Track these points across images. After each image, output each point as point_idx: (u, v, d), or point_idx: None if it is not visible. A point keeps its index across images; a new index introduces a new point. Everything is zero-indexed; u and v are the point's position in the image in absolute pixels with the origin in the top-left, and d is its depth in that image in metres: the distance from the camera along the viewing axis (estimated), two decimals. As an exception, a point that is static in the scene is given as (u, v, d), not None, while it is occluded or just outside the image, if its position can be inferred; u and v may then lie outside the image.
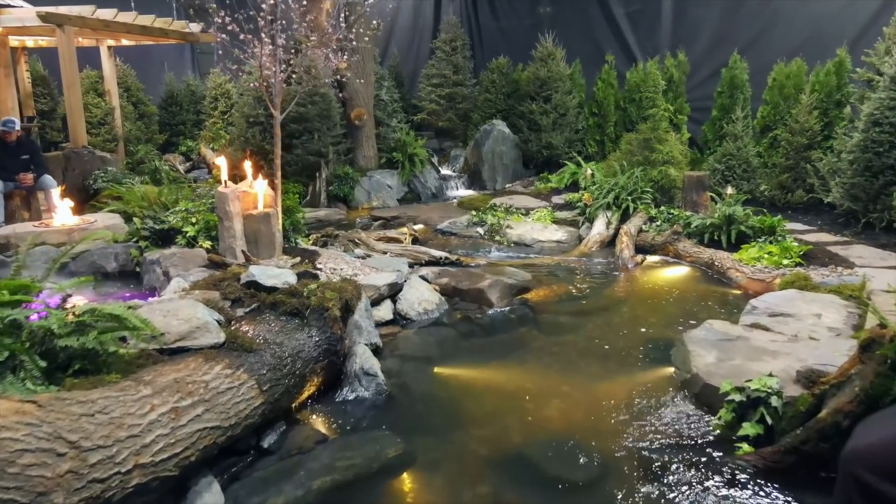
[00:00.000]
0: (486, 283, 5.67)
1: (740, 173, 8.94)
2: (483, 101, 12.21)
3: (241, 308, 3.72)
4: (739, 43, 10.35)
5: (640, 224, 7.55)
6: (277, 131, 5.40)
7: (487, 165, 11.08)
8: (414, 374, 4.28)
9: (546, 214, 8.40)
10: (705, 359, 3.96)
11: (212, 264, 4.39)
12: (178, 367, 2.83)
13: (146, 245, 5.11)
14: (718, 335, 4.29)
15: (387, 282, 5.17)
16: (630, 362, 4.46)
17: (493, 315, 5.33)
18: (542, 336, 5.01)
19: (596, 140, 11.26)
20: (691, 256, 6.80)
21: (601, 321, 5.30)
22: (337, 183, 9.60)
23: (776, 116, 9.36)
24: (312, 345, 3.63)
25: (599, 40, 12.33)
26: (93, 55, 12.31)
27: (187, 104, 14.61)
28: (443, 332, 4.99)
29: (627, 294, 6.03)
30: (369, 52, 10.29)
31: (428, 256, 6.61)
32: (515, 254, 7.38)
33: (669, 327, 5.10)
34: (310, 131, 9.55)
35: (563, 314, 5.49)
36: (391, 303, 5.25)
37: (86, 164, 8.99)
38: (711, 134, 10.06)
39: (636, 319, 5.32)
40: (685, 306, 5.60)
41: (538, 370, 4.38)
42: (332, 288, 3.90)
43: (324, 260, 5.60)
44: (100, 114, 11.89)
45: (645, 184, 7.99)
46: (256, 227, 4.62)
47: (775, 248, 6.24)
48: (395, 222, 8.68)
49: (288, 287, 3.94)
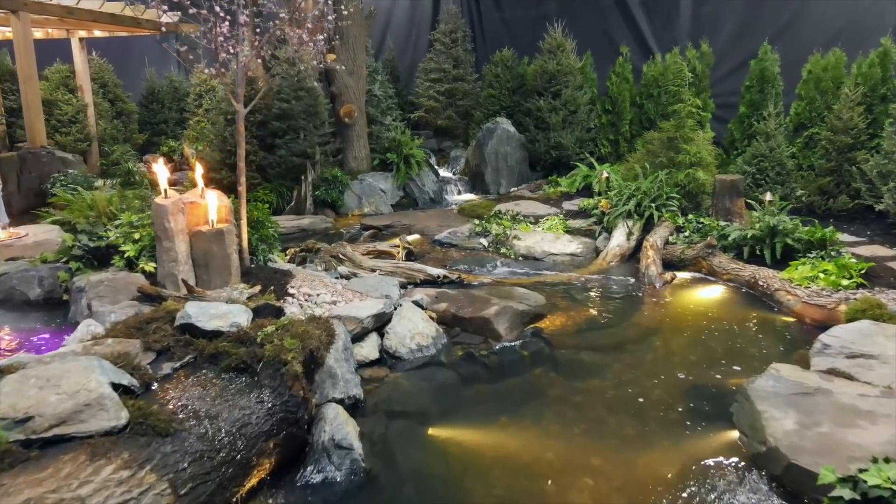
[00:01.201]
0: (493, 310, 4.73)
1: (773, 176, 8.00)
2: (486, 97, 11.28)
3: (169, 362, 2.79)
4: (767, 33, 9.40)
5: (667, 235, 6.61)
6: (241, 128, 4.47)
7: (490, 167, 10.15)
8: (402, 439, 3.35)
9: (558, 223, 7.47)
10: (783, 423, 3.02)
11: (143, 296, 3.47)
12: (41, 476, 1.90)
13: (78, 267, 4.19)
14: (791, 387, 3.36)
15: (372, 312, 4.24)
16: (674, 421, 3.53)
17: (501, 351, 4.41)
18: (560, 380, 4.08)
19: (609, 140, 10.32)
20: (729, 274, 5.86)
21: (631, 359, 4.37)
22: (324, 187, 8.67)
23: (812, 113, 8.42)
24: (263, 414, 2.70)
25: (611, 32, 11.39)
26: (64, 47, 11.41)
27: (170, 101, 13.69)
28: (440, 376, 4.06)
29: (658, 321, 5.09)
30: (361, 43, 9.36)
31: (423, 275, 5.69)
32: (524, 269, 6.45)
33: (716, 368, 4.17)
34: (294, 130, 8.63)
35: (585, 349, 4.56)
36: (378, 337, 4.32)
37: (43, 166, 8.07)
38: (739, 133, 9.12)
39: (673, 357, 4.39)
40: (731, 339, 4.67)
41: (559, 432, 3.45)
42: (295, 333, 2.97)
43: (298, 283, 4.67)
44: (70, 111, 10.97)
45: (670, 189, 7.05)
46: (207, 248, 3.70)
47: (831, 266, 5.31)
48: (387, 232, 7.75)
49: (236, 331, 3.01)
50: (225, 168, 8.80)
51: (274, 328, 3.06)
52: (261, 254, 4.74)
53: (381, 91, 10.31)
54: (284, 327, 3.09)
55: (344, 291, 4.71)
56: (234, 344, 2.92)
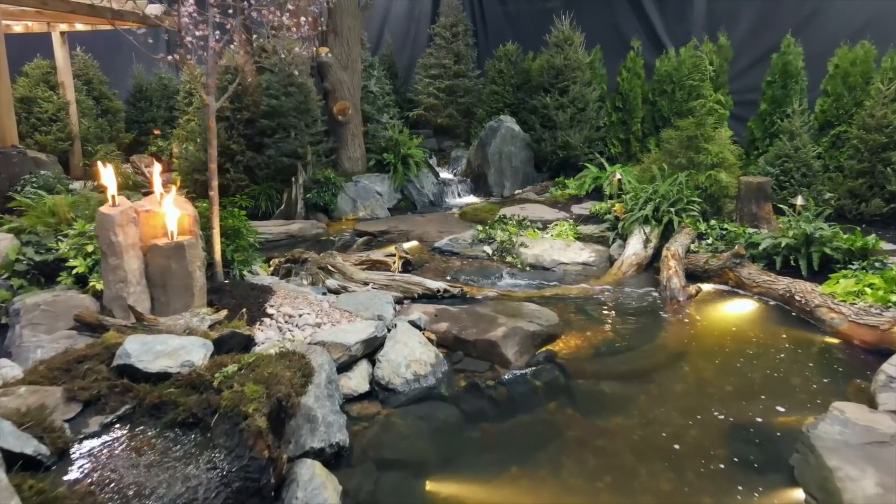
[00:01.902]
0: (500, 331, 4.17)
1: (799, 178, 7.43)
2: (489, 94, 10.71)
3: (98, 416, 2.23)
4: (787, 25, 8.82)
5: (688, 243, 6.04)
6: (211, 124, 3.90)
7: (494, 168, 9.58)
8: (395, 496, 2.79)
9: (567, 229, 6.90)
10: (863, 486, 2.46)
11: (82, 325, 2.90)
12: None
13: (21, 284, 3.62)
14: (862, 434, 2.79)
15: (361, 337, 3.67)
16: (719, 473, 2.96)
17: (510, 381, 3.84)
18: (579, 417, 3.51)
19: (620, 139, 9.74)
20: (760, 287, 5.29)
21: (658, 390, 3.80)
22: (316, 189, 8.10)
23: (839, 110, 7.85)
24: (215, 485, 2.13)
25: (620, 25, 10.82)
26: (46, 42, 10.84)
27: (158, 99, 13.12)
28: (440, 413, 3.49)
29: (685, 343, 4.52)
30: (356, 35, 8.79)
31: (422, 289, 5.12)
32: (532, 280, 5.89)
33: (757, 402, 3.60)
34: (284, 128, 8.07)
35: (605, 378, 3.99)
36: (368, 365, 3.76)
37: (14, 167, 7.50)
38: (759, 131, 8.54)
39: (706, 388, 3.82)
40: (770, 364, 4.10)
41: (582, 487, 2.88)
42: (260, 376, 2.40)
43: (278, 301, 4.11)
44: (51, 109, 10.43)
45: (691, 192, 6.48)
46: (164, 265, 3.14)
47: (878, 279, 4.73)
48: (383, 238, 7.17)
49: (188, 372, 2.44)
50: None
51: (237, 367, 2.50)
52: (237, 267, 4.17)
53: (377, 87, 9.74)
54: (250, 366, 2.52)
55: (331, 311, 4.14)
56: (184, 390, 2.35)
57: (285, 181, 8.09)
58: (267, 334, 3.63)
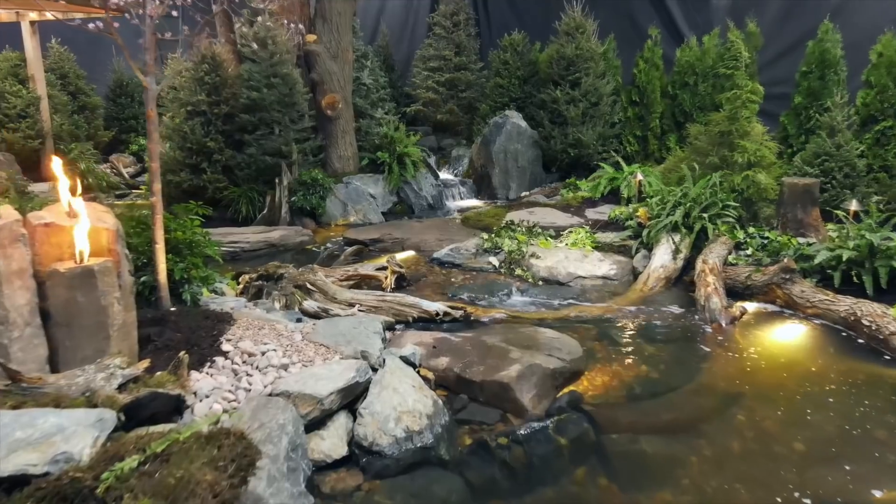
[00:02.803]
0: (514, 370, 3.38)
1: (841, 179, 6.61)
2: (492, 87, 9.92)
3: None
4: (820, 12, 8.01)
5: (726, 254, 5.25)
6: (151, 113, 3.10)
7: (498, 169, 8.80)
8: None
9: (584, 237, 6.10)
10: None
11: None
12: None
13: None
14: None
15: (338, 385, 2.88)
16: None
17: (527, 437, 3.04)
18: (616, 490, 2.73)
19: (636, 136, 8.93)
20: (816, 308, 4.49)
21: (711, 451, 3.01)
22: (303, 192, 7.30)
23: (884, 104, 7.04)
24: None
25: (635, 14, 10.04)
26: (16, 33, 10.06)
27: (140, 95, 12.31)
28: (439, 487, 2.70)
29: (736, 382, 3.72)
30: (347, 22, 7.99)
31: (417, 311, 4.34)
32: (546, 298, 5.10)
33: (842, 468, 2.83)
34: (267, 123, 7.29)
35: (644, 431, 3.19)
36: (347, 419, 2.96)
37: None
38: (793, 127, 7.73)
39: (772, 446, 3.03)
40: (845, 411, 3.32)
41: None
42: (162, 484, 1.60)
43: (238, 333, 3.31)
44: (20, 104, 9.66)
45: (727, 195, 5.68)
46: (68, 298, 2.34)
47: (964, 303, 3.94)
48: (375, 248, 6.38)
49: (60, 473, 1.64)
50: (186, 169, 7.47)
51: (138, 460, 1.70)
52: (187, 292, 3.38)
53: (370, 79, 8.94)
54: (158, 457, 1.72)
55: (303, 345, 3.34)
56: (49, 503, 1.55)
57: (268, 182, 7.30)
58: (216, 381, 2.84)
